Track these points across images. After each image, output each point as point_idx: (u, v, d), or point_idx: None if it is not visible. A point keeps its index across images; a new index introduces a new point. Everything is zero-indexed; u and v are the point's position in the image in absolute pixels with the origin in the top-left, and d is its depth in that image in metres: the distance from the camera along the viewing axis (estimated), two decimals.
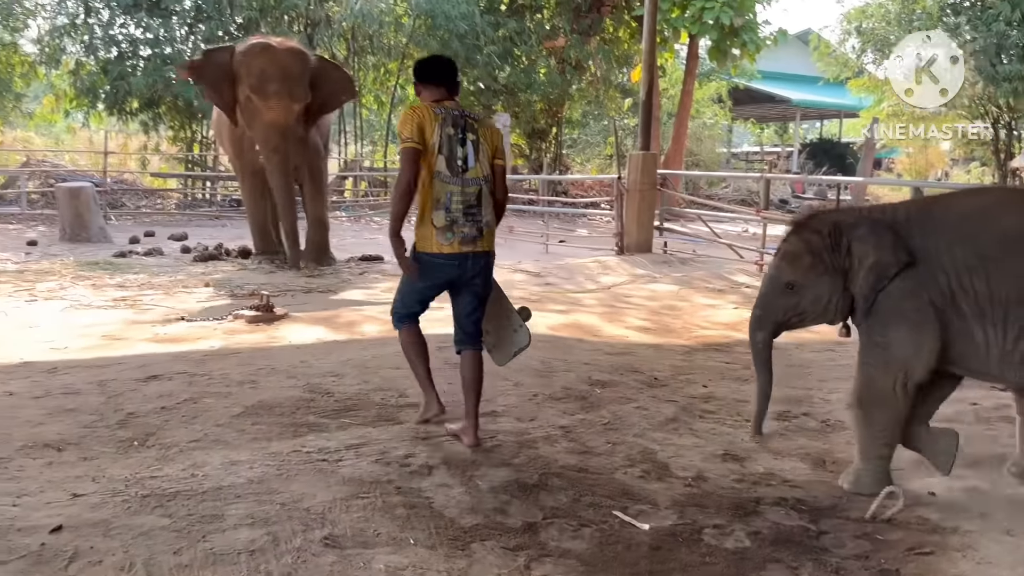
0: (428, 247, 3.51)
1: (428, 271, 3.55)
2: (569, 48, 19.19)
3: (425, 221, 3.51)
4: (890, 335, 3.15)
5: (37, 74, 17.86)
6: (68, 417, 3.69)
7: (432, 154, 3.47)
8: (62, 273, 8.52)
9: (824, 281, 3.28)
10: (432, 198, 3.49)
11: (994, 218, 3.10)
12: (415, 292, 3.66)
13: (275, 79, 8.31)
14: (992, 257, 3.00)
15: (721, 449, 3.64)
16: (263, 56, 8.40)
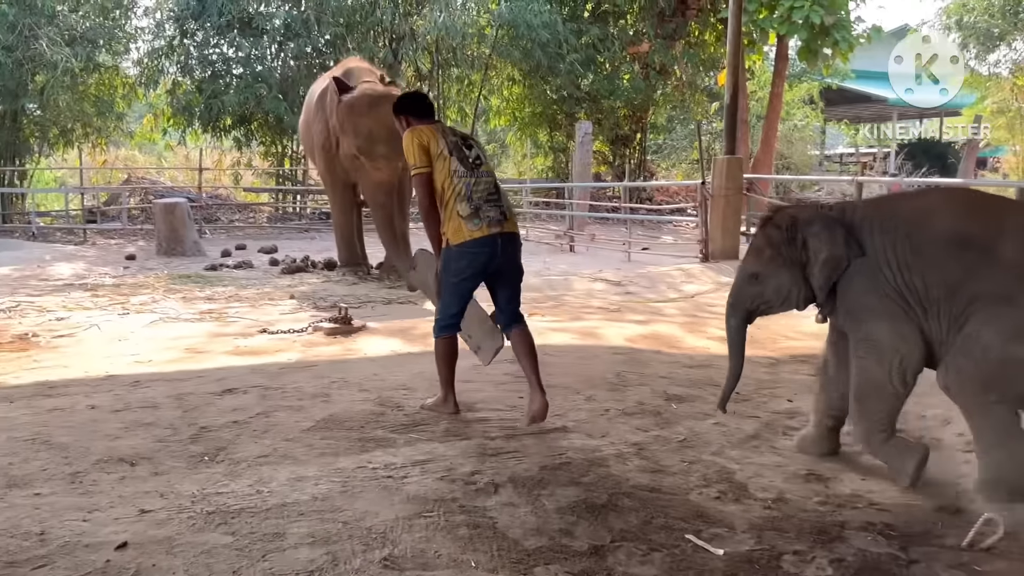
0: (460, 238, 3.82)
1: (464, 261, 3.85)
2: (653, 53, 18.94)
3: (452, 216, 3.83)
4: (873, 329, 3.35)
5: (137, 95, 18.61)
6: (144, 431, 3.75)
7: (445, 159, 3.85)
8: (155, 286, 8.81)
9: (783, 272, 3.55)
10: (454, 195, 3.82)
11: (931, 220, 3.33)
12: (456, 292, 3.93)
13: (382, 141, 8.09)
14: (926, 255, 3.24)
15: (804, 469, 3.45)
16: (370, 117, 8.16)
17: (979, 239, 3.18)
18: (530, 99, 20.61)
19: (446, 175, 3.85)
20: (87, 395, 4.37)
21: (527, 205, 17.14)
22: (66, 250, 13.21)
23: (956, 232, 3.22)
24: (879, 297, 3.31)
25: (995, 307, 3.10)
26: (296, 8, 17.85)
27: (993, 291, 3.12)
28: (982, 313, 3.12)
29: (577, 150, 16.35)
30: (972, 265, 3.15)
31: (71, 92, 16.61)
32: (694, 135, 22.98)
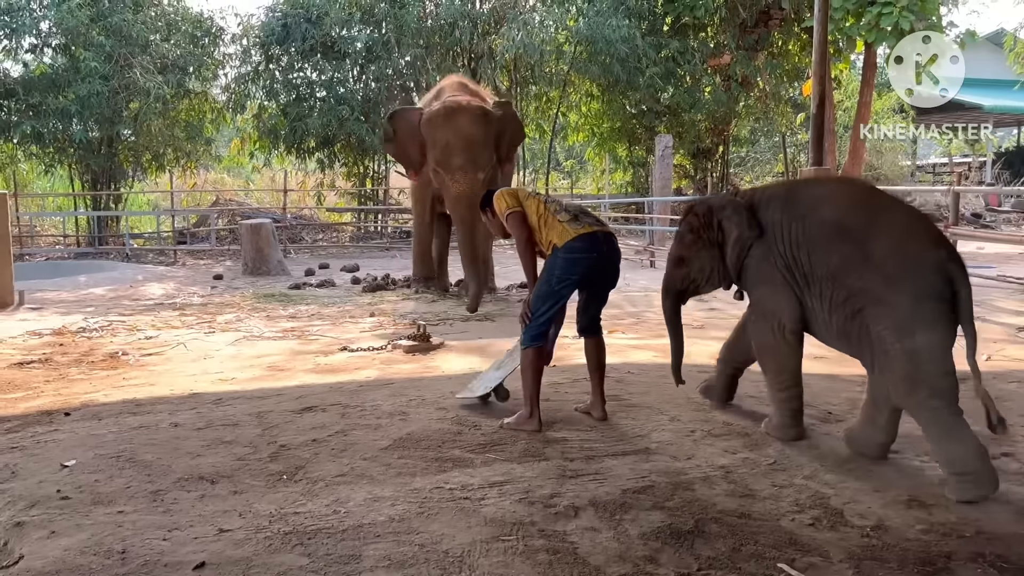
0: (565, 237, 4.01)
1: (570, 265, 4.02)
2: (735, 64, 18.61)
3: (553, 225, 4.07)
4: (758, 293, 3.90)
5: (225, 119, 19.16)
6: (224, 449, 3.77)
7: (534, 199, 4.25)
8: (240, 305, 8.98)
9: (704, 254, 4.06)
10: (551, 214, 4.12)
11: (822, 205, 3.68)
12: (554, 297, 4.06)
13: (459, 152, 8.15)
14: (813, 237, 3.61)
15: (905, 494, 3.24)
16: (447, 127, 8.23)
17: (855, 232, 3.51)
18: (609, 114, 20.48)
19: (538, 207, 4.18)
20: (171, 413, 4.43)
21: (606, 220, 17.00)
22: (157, 271, 13.66)
23: (838, 222, 3.57)
24: (769, 267, 3.78)
25: (875, 309, 3.41)
26: (377, 31, 18.16)
27: (867, 289, 3.43)
28: (867, 311, 3.44)
29: (657, 164, 16.16)
30: (848, 257, 3.48)
31: (163, 118, 17.21)
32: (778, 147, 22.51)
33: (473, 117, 8.34)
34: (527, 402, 4.05)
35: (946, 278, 3.33)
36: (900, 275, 3.37)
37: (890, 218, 3.55)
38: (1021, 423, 4.16)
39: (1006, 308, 7.74)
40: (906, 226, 3.52)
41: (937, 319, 3.32)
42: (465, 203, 8.40)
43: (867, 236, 3.46)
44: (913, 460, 3.65)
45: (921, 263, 3.38)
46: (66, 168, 17.98)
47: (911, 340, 3.31)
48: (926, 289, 3.33)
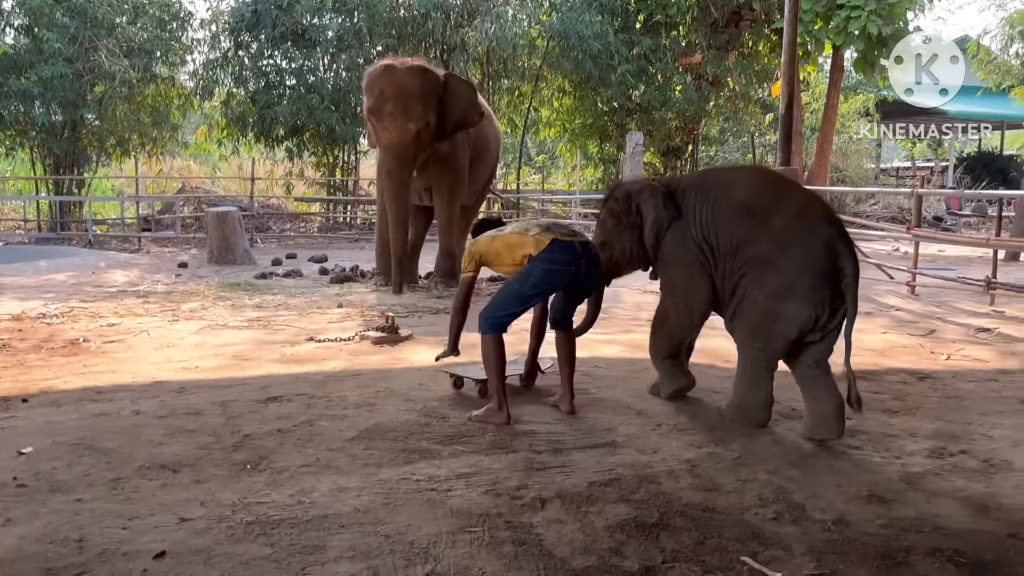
0: (540, 246, 3.97)
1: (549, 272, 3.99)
2: (706, 64, 18.70)
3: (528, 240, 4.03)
4: (672, 274, 4.25)
5: (192, 105, 18.85)
6: (187, 438, 3.73)
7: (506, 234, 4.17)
8: (205, 294, 8.87)
9: (625, 236, 4.37)
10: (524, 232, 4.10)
11: (731, 189, 4.09)
12: (521, 300, 4.07)
13: (390, 99, 8.21)
14: (722, 217, 4.00)
15: (866, 490, 3.29)
16: (382, 76, 8.34)
17: (759, 209, 3.92)
18: (580, 110, 20.50)
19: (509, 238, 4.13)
20: (133, 401, 4.37)
21: (576, 216, 17.03)
22: (121, 258, 13.44)
23: (745, 202, 3.98)
24: (684, 249, 4.12)
25: (760, 270, 3.87)
26: (348, 20, 18.00)
27: (760, 255, 3.87)
28: (751, 274, 3.90)
29: (628, 161, 16.20)
30: (751, 230, 3.90)
31: (128, 103, 16.91)
32: (747, 147, 22.68)
33: (410, 70, 8.38)
34: (494, 394, 4.04)
35: (832, 253, 3.76)
36: (791, 245, 3.80)
37: (791, 198, 4.02)
38: (978, 422, 4.23)
39: (965, 309, 7.87)
40: (803, 205, 3.98)
41: (809, 295, 3.76)
42: (393, 153, 8.35)
43: (769, 213, 3.90)
44: (873, 456, 3.71)
45: (812, 237, 3.80)
46: (27, 151, 17.59)
47: (776, 303, 3.82)
48: (812, 262, 3.76)
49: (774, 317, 3.84)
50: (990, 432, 4.06)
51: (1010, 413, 4.39)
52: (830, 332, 3.88)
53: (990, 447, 3.85)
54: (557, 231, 4.08)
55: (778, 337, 3.88)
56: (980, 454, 3.76)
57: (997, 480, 3.45)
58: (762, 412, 4.04)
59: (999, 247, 9.01)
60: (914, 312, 7.78)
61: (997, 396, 4.76)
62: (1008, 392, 4.85)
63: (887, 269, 9.88)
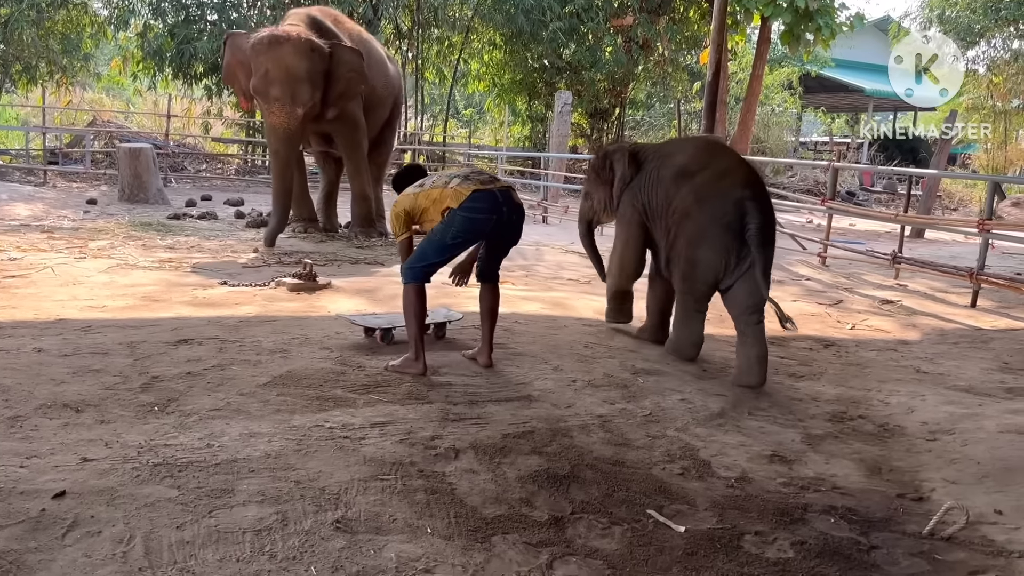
0: (460, 198, 3.93)
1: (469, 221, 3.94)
2: (637, 27, 18.76)
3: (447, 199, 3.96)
4: (618, 229, 4.99)
5: (106, 35, 18.05)
6: (92, 378, 3.61)
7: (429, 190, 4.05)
8: (115, 232, 8.57)
9: (601, 189, 5.11)
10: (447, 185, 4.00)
11: (675, 155, 4.68)
12: (443, 250, 4.00)
13: (276, 83, 7.88)
14: (663, 180, 4.61)
15: (769, 449, 3.41)
16: (267, 55, 7.91)
17: (691, 171, 4.50)
18: (511, 65, 20.36)
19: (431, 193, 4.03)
20: (34, 338, 4.20)
21: (502, 174, 16.98)
22: (24, 190, 12.86)
23: (682, 166, 4.55)
24: (631, 209, 4.81)
25: (682, 220, 4.46)
26: None
27: (683, 208, 4.46)
28: (677, 226, 4.49)
29: (555, 121, 16.19)
30: (680, 189, 4.50)
31: (36, 27, 16.07)
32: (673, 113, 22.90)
33: (296, 49, 7.99)
34: (411, 344, 4.00)
35: (741, 211, 4.27)
36: (707, 199, 4.37)
37: (718, 163, 4.53)
38: (877, 388, 4.42)
39: (872, 282, 8.17)
40: (727, 169, 4.48)
41: (717, 242, 4.33)
42: (280, 136, 8.18)
43: (696, 174, 4.48)
44: (778, 418, 3.84)
45: (725, 195, 4.33)
46: None
47: (694, 250, 4.42)
48: (721, 216, 4.31)
49: (693, 263, 4.45)
50: (887, 399, 4.25)
51: (907, 381, 4.59)
52: (743, 277, 4.35)
53: (887, 412, 4.03)
54: (476, 180, 4.02)
55: (698, 280, 4.47)
56: (877, 419, 3.93)
57: (891, 444, 3.61)
58: (691, 348, 4.64)
59: (906, 223, 9.37)
60: (824, 282, 8.04)
61: (896, 365, 4.98)
62: (906, 361, 5.07)
63: (800, 240, 10.17)
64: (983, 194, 11.34)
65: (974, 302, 7.00)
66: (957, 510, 2.80)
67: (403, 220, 4.12)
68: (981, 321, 6.39)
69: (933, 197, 14.70)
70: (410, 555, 2.30)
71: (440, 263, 4.05)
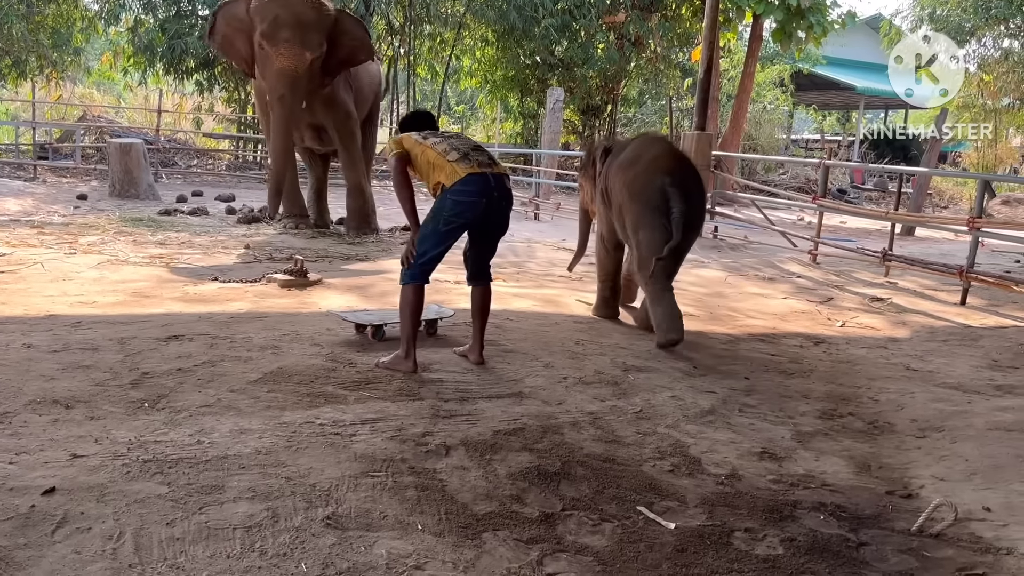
0: (454, 178, 3.93)
1: (458, 207, 3.95)
2: (629, 24, 18.76)
3: (443, 166, 3.98)
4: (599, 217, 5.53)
5: (97, 30, 17.95)
6: (82, 374, 3.60)
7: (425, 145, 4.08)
8: (105, 228, 8.54)
9: (589, 182, 5.66)
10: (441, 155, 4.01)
11: (623, 151, 5.17)
12: (440, 239, 4.00)
13: (287, 25, 7.99)
14: (610, 174, 5.16)
15: (759, 446, 3.42)
16: (276, 2, 8.08)
17: (627, 164, 5.02)
18: (503, 62, 20.34)
19: (426, 152, 4.06)
20: (24, 333, 4.19)
21: None
22: (14, 185, 12.80)
23: (622, 160, 5.08)
24: (600, 195, 5.33)
25: (624, 209, 4.99)
26: None
27: (620, 198, 5.00)
28: (621, 215, 5.02)
29: (547, 117, 16.18)
30: (618, 180, 5.02)
31: (26, 21, 15.97)
32: (664, 110, 22.91)
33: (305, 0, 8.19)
34: (403, 342, 3.99)
35: (664, 196, 4.77)
36: (636, 189, 4.90)
37: (649, 154, 5.01)
38: (867, 386, 4.44)
39: (862, 279, 8.20)
40: (653, 159, 4.96)
41: (653, 224, 4.81)
42: (287, 80, 8.14)
43: (631, 166, 4.98)
44: (768, 415, 3.85)
45: (651, 184, 4.84)
46: None
47: (638, 235, 4.91)
48: (650, 202, 4.82)
49: (639, 246, 4.91)
50: (877, 396, 4.27)
51: (896, 379, 4.61)
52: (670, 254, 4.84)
53: (876, 410, 4.05)
54: (475, 160, 4.01)
55: (648, 260, 4.82)
56: (867, 416, 3.94)
57: (880, 441, 3.63)
58: (670, 325, 4.79)
59: (896, 221, 9.39)
60: (814, 280, 8.07)
61: (886, 362, 5.00)
62: (896, 359, 5.10)
63: (791, 237, 10.20)
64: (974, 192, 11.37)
65: (964, 300, 7.03)
66: (946, 507, 2.81)
67: (400, 149, 4.14)
68: (971, 319, 6.42)
69: (924, 195, 14.77)
70: (401, 552, 2.31)
71: (438, 256, 4.04)
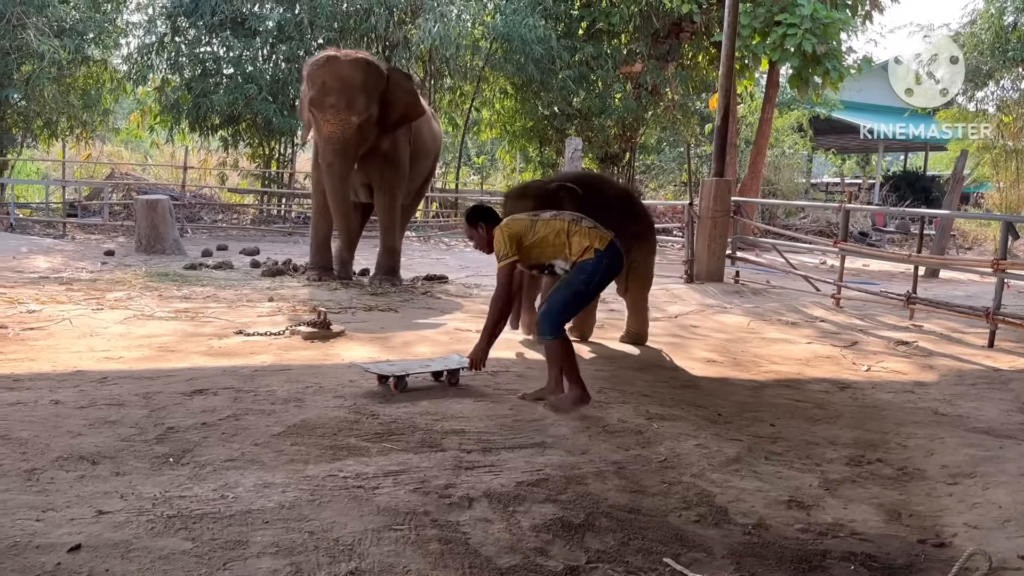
0: (604, 243, 4.27)
1: (609, 268, 4.33)
2: (646, 73, 18.96)
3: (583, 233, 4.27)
4: None
5: (125, 90, 18.38)
6: (108, 429, 3.63)
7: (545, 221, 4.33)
8: (132, 283, 8.64)
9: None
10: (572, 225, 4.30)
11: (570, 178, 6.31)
12: (583, 298, 4.39)
13: (333, 91, 8.16)
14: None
15: (786, 495, 3.37)
16: (324, 68, 8.28)
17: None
18: (521, 113, 20.59)
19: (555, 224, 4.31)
20: (52, 390, 4.23)
21: None
22: (44, 243, 13.02)
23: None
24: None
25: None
26: (290, 11, 17.74)
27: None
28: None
29: (566, 166, 16.28)
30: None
31: (57, 84, 16.39)
32: (683, 157, 23.02)
33: (354, 63, 8.36)
34: (572, 381, 4.30)
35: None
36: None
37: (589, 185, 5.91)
38: (895, 431, 4.37)
39: (887, 323, 8.12)
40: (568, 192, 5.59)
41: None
42: (334, 147, 8.25)
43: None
44: (795, 463, 3.80)
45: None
46: None
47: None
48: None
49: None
50: (906, 441, 4.20)
51: (925, 423, 4.54)
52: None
53: (905, 456, 3.98)
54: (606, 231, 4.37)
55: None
56: (895, 462, 3.88)
57: (910, 488, 3.57)
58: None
59: (920, 263, 9.33)
60: (838, 324, 8.00)
61: (913, 407, 4.93)
62: (924, 403, 5.03)
63: (814, 281, 10.15)
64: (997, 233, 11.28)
65: (991, 342, 6.94)
66: (980, 556, 2.75)
67: (514, 243, 4.27)
68: (999, 361, 6.33)
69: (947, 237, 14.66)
70: None
71: (578, 311, 4.51)
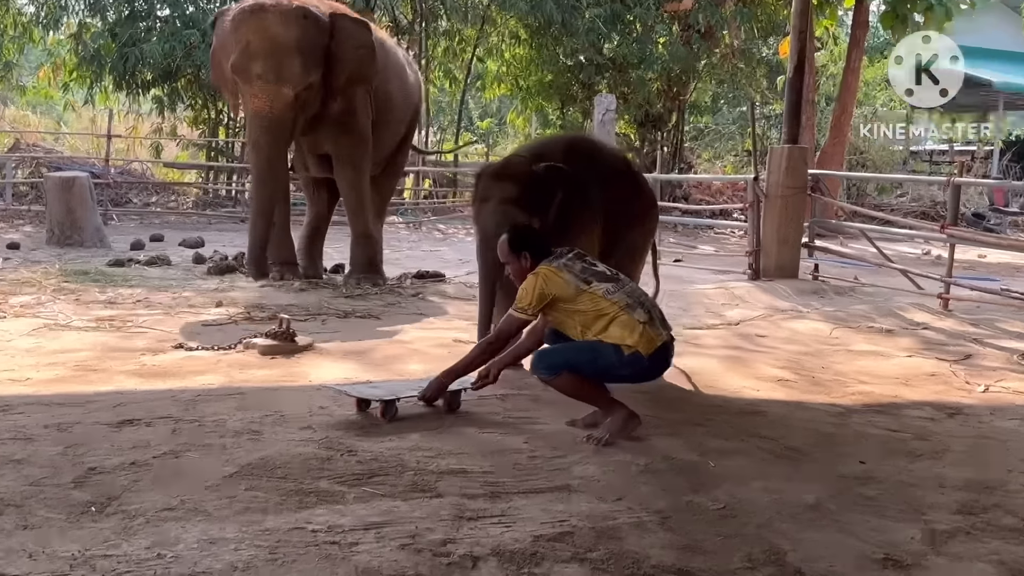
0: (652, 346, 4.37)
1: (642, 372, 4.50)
2: (697, 12, 18.97)
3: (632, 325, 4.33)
4: None
5: (32, 38, 18.52)
6: (12, 471, 3.66)
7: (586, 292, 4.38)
8: (42, 284, 8.71)
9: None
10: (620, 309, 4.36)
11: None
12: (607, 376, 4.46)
13: (260, 56, 8.05)
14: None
15: (879, 551, 3.37)
16: (248, 24, 8.10)
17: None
18: (538, 64, 20.64)
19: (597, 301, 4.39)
20: None
21: None
22: None
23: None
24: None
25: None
26: None
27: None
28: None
29: (596, 131, 16.34)
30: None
31: None
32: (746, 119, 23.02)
33: (286, 15, 8.14)
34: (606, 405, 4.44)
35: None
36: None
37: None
38: (1019, 468, 4.36)
39: (1009, 330, 8.10)
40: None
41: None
42: (263, 126, 8.28)
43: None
44: (889, 509, 3.79)
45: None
46: None
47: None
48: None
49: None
50: None
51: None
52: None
53: None
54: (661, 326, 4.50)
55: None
56: (1020, 510, 3.87)
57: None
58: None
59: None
60: (946, 332, 7.99)
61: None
62: None
63: (914, 277, 10.12)
64: None
65: None
66: None
67: (544, 301, 4.41)
68: None
69: None
70: None
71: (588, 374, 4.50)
